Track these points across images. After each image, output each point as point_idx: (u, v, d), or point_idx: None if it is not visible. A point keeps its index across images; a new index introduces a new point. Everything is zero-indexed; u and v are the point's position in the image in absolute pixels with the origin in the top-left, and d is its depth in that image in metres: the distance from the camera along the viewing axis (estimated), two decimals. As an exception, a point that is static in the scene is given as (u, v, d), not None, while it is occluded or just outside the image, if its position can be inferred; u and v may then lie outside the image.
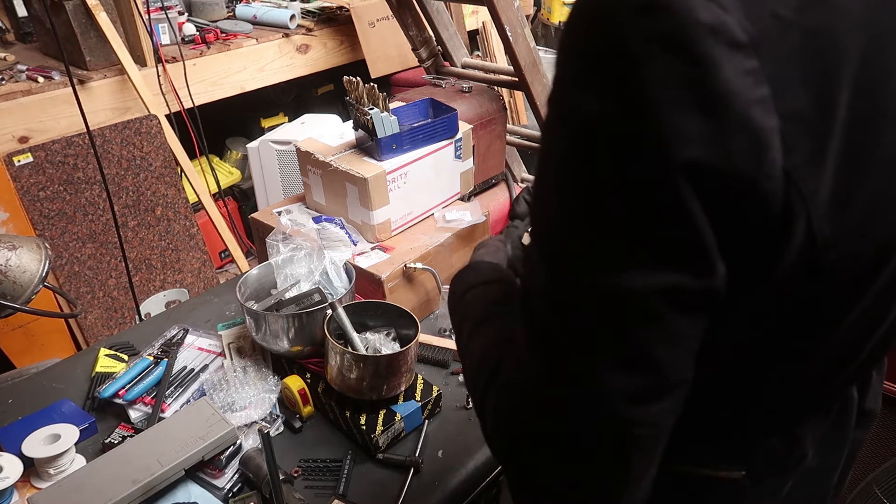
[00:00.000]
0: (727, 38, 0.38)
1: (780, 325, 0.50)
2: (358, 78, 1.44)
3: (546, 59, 1.94)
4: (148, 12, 2.49)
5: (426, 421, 1.17)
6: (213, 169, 2.92)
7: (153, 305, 2.37)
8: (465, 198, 1.64)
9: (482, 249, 0.87)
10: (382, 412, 1.12)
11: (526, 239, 0.90)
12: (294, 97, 3.38)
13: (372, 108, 1.40)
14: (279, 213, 1.54)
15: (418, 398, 1.16)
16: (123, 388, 1.21)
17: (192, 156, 2.67)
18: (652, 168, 0.40)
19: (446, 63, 2.06)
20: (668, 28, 0.38)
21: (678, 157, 0.39)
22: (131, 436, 1.13)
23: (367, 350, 1.19)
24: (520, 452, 0.51)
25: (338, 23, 2.95)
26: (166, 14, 2.55)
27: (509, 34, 1.69)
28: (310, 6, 3.07)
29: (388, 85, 3.12)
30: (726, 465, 0.63)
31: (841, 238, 0.45)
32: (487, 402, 0.55)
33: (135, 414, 1.19)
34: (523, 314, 0.50)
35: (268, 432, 1.02)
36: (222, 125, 3.13)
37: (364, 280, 1.36)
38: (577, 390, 0.46)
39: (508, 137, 1.96)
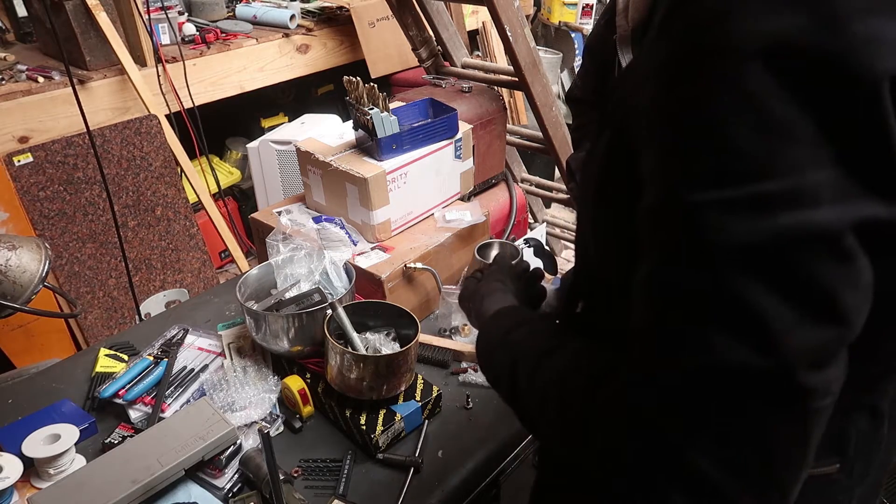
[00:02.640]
0: None
1: None
2: (358, 78, 1.44)
3: (546, 59, 1.94)
4: (148, 12, 2.49)
5: (426, 421, 1.17)
6: (213, 169, 2.92)
7: (153, 305, 2.36)
8: (465, 198, 1.64)
9: (487, 299, 0.80)
10: (382, 412, 1.12)
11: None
12: (294, 97, 3.38)
13: (372, 108, 1.40)
14: (279, 213, 1.54)
15: (418, 398, 1.16)
16: (123, 388, 1.21)
17: (192, 156, 2.67)
18: (853, 83, 0.39)
19: (446, 63, 2.06)
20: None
21: (879, 66, 0.38)
22: (131, 436, 1.13)
23: (367, 350, 1.19)
24: (672, 446, 0.44)
25: (338, 23, 2.95)
26: (166, 14, 2.55)
27: (509, 34, 1.69)
28: (310, 6, 3.08)
29: (388, 85, 3.13)
30: (820, 459, 0.56)
31: None
32: (603, 412, 0.49)
33: (135, 414, 1.19)
34: (662, 287, 0.45)
35: (268, 432, 1.02)
36: (222, 125, 3.13)
37: (364, 280, 1.36)
38: (754, 342, 0.41)
39: (508, 137, 1.96)
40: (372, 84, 1.43)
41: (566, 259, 2.73)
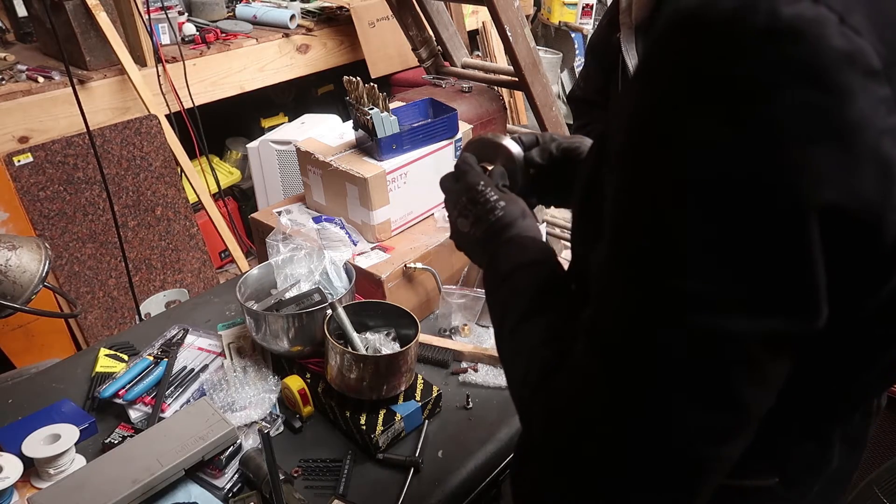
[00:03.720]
0: (863, 65, 0.36)
1: (852, 352, 0.49)
2: (358, 78, 1.44)
3: (546, 59, 1.94)
4: (148, 12, 2.49)
5: (426, 421, 1.17)
6: (213, 169, 2.92)
7: (153, 305, 2.37)
8: (465, 198, 1.63)
9: (519, 216, 0.72)
10: (382, 412, 1.12)
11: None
12: (294, 97, 3.38)
13: (372, 108, 1.40)
14: (279, 213, 1.54)
15: (418, 398, 1.16)
16: (123, 388, 1.21)
17: (192, 156, 2.67)
18: (781, 210, 0.38)
19: (446, 63, 2.06)
20: (800, 56, 0.36)
21: (812, 198, 0.37)
22: (131, 436, 1.13)
23: (367, 350, 1.19)
24: (571, 459, 0.48)
25: (338, 23, 2.95)
26: (166, 14, 2.55)
27: (509, 34, 1.69)
28: (310, 6, 3.08)
29: (388, 85, 3.13)
30: (758, 474, 0.61)
31: None
32: (537, 403, 0.53)
33: (135, 414, 1.19)
34: (592, 332, 0.47)
35: (268, 432, 1.02)
36: (222, 125, 3.13)
37: (364, 280, 1.36)
38: (646, 421, 0.44)
39: (508, 137, 1.96)
40: (372, 84, 1.43)
41: (566, 259, 2.73)
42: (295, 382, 1.17)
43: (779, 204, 0.38)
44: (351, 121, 1.50)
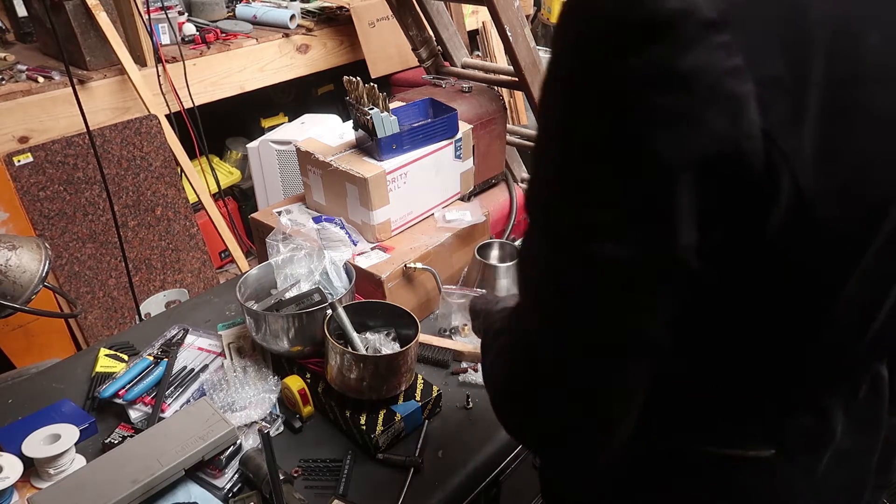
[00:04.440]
0: (698, 17, 0.42)
1: (785, 292, 0.52)
2: (358, 78, 1.44)
3: (546, 59, 1.94)
4: (148, 12, 2.49)
5: (426, 421, 1.17)
6: (213, 169, 2.92)
7: (153, 305, 2.37)
8: (465, 198, 1.64)
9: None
10: (382, 412, 1.12)
11: None
12: (294, 97, 3.38)
13: (372, 108, 1.40)
14: (279, 213, 1.54)
15: (418, 398, 1.16)
16: (123, 388, 1.21)
17: (192, 156, 2.67)
18: (638, 150, 0.44)
19: (446, 63, 2.06)
20: (642, 16, 0.42)
21: (662, 138, 0.43)
22: (131, 436, 1.13)
23: (367, 350, 1.19)
24: (515, 393, 0.61)
25: (338, 23, 2.95)
26: (166, 14, 2.55)
27: (509, 34, 1.69)
28: (310, 6, 3.08)
29: (388, 85, 3.13)
30: (755, 445, 0.64)
31: (829, 194, 0.47)
32: (491, 350, 0.66)
33: (135, 414, 1.19)
34: (520, 276, 0.57)
35: (268, 432, 1.02)
36: (222, 125, 3.13)
37: (364, 280, 1.36)
38: (556, 347, 0.52)
39: (508, 137, 1.96)
40: (372, 84, 1.43)
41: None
42: (295, 382, 1.17)
43: (634, 145, 0.44)
44: (351, 121, 1.50)
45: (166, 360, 1.30)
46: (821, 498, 0.68)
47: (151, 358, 1.30)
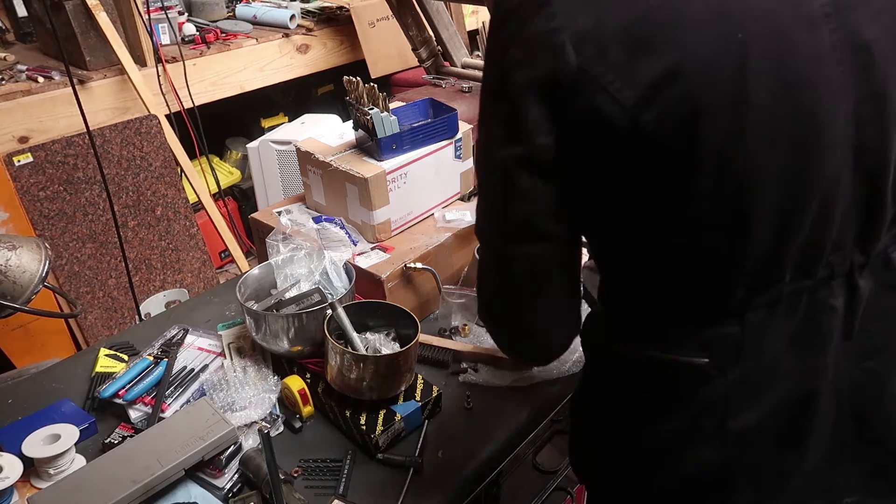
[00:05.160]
0: (536, 3, 0.64)
1: (657, 197, 0.66)
2: (358, 78, 1.44)
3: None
4: (148, 12, 2.49)
5: (426, 421, 1.17)
6: (213, 169, 2.93)
7: (153, 305, 2.37)
8: (465, 198, 1.64)
9: None
10: (382, 412, 1.12)
11: None
12: (294, 97, 3.38)
13: (372, 108, 1.40)
14: (279, 213, 1.54)
15: (418, 398, 1.16)
16: (123, 388, 1.21)
17: (192, 156, 2.67)
18: (507, 86, 0.67)
19: (446, 63, 2.06)
20: (506, 7, 0.67)
21: (517, 76, 0.66)
22: (131, 436, 1.13)
23: (367, 350, 1.19)
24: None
25: (338, 23, 2.95)
26: (166, 14, 2.55)
27: (509, 34, 1.69)
28: (310, 6, 3.08)
29: (388, 85, 3.13)
30: (687, 351, 0.73)
31: (644, 102, 0.62)
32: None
33: (135, 414, 1.19)
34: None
35: (268, 432, 1.02)
36: (222, 125, 3.13)
37: (364, 280, 1.36)
38: (488, 240, 0.79)
39: (508, 137, 1.96)
40: (372, 84, 1.43)
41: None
42: (295, 382, 1.17)
43: (503, 82, 0.68)
44: (351, 121, 1.50)
45: (166, 360, 1.30)
46: (758, 410, 0.73)
47: (151, 358, 1.30)
